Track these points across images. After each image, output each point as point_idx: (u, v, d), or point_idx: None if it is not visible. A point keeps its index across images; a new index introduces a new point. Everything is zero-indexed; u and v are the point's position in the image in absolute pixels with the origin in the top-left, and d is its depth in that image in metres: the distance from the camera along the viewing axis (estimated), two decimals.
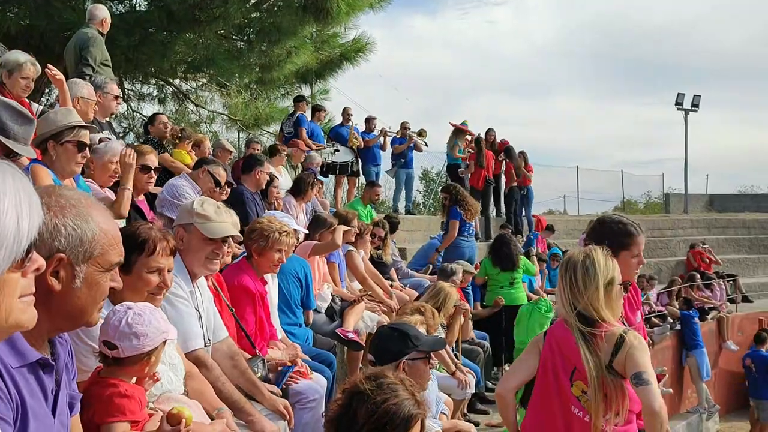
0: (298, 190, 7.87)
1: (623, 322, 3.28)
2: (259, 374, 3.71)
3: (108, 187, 4.73)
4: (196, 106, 14.49)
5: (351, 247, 6.91)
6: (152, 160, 5.11)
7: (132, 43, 9.98)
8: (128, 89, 13.20)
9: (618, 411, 2.83)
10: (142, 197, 5.16)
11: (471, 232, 9.57)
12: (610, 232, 3.38)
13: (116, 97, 6.26)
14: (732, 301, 15.80)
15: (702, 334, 12.70)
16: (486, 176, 13.22)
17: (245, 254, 4.35)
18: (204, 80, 13.67)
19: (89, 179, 4.63)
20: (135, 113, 14.36)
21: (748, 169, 78.05)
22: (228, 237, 3.42)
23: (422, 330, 3.89)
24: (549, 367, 2.98)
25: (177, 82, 13.65)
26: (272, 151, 9.21)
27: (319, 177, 10.05)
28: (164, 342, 2.48)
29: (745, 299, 16.71)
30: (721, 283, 15.69)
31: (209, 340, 3.35)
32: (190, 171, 6.18)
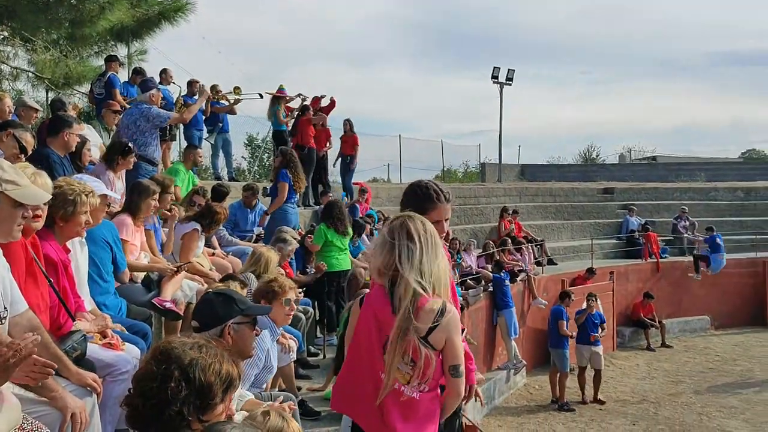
0: (111, 160, 6.71)
1: None
2: (79, 351, 3.51)
3: None
4: None
5: (197, 226, 6.61)
6: None
7: None
8: None
9: (425, 378, 2.94)
10: None
11: (295, 198, 9.61)
12: (413, 196, 3.45)
13: None
14: (539, 263, 16.99)
15: (512, 295, 13.60)
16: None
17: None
18: (5, 33, 12.52)
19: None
20: None
21: (556, 141, 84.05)
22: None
23: None
24: (363, 333, 3.01)
25: None
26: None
27: None
28: None
29: (551, 262, 18.05)
30: (530, 247, 16.82)
31: (5, 312, 3.10)
32: None
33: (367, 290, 3.34)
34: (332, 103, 14.24)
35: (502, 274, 13.51)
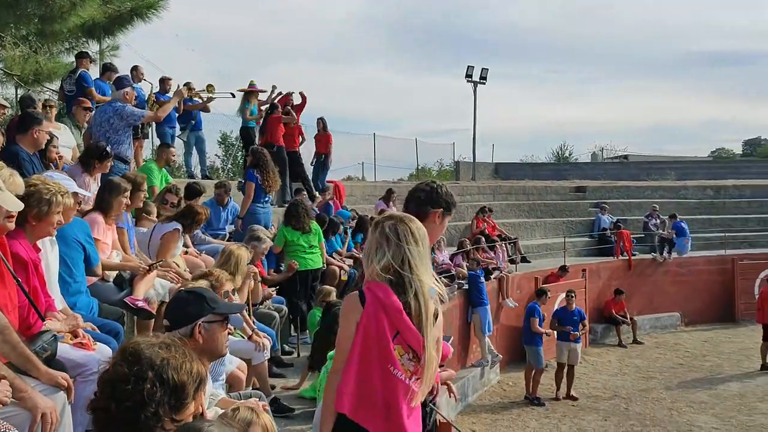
0: (88, 164, 6.76)
1: None
2: (49, 352, 3.47)
3: None
4: None
5: (178, 226, 6.56)
6: None
7: None
8: None
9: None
10: None
11: (267, 198, 9.56)
12: (446, 195, 3.64)
13: None
14: (512, 261, 17.10)
15: (486, 292, 13.66)
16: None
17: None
18: None
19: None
20: None
21: (529, 140, 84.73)
22: None
23: None
24: (372, 330, 2.93)
25: None
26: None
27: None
28: None
29: (524, 260, 18.17)
30: (504, 245, 16.92)
31: None
32: None
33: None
34: (303, 101, 14.18)
35: (478, 272, 13.56)
